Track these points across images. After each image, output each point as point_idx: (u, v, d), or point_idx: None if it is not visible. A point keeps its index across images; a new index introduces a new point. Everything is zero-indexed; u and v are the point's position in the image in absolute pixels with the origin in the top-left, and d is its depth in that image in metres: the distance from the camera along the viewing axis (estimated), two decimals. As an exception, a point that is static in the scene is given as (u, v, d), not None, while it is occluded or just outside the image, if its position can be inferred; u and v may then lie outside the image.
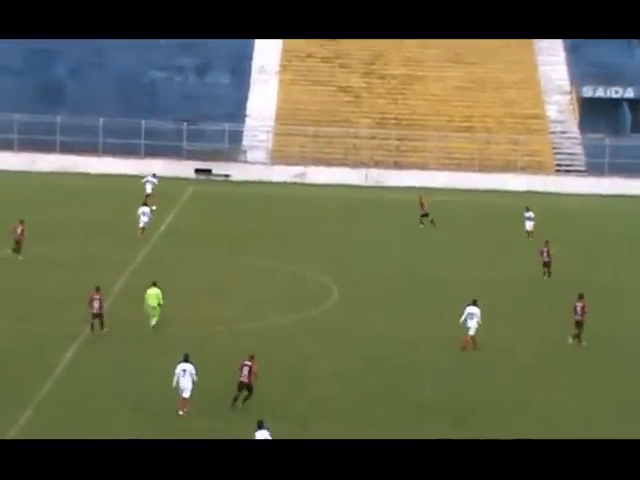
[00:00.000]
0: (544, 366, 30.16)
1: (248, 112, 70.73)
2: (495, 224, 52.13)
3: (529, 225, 48.41)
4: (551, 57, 74.32)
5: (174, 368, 25.95)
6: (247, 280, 39.64)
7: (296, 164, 67.28)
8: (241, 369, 26.28)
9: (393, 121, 70.38)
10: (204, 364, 29.18)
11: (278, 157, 68.51)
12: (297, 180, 66.32)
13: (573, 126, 71.16)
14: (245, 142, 69.34)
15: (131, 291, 37.03)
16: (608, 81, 72.08)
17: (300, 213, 55.70)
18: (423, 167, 67.30)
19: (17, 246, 41.24)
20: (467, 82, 72.64)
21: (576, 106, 71.71)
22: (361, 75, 73.30)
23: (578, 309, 32.33)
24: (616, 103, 71.79)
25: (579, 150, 69.95)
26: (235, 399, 26.06)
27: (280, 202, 58.56)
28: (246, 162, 67.88)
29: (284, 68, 73.73)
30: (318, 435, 23.93)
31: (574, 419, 25.87)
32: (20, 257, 41.11)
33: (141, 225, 46.10)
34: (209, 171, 66.79)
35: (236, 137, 68.86)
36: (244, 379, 26.14)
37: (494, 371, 29.54)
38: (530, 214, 48.67)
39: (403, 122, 70.14)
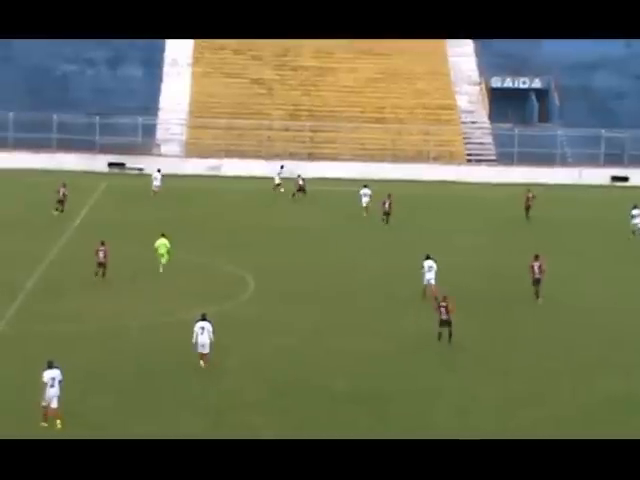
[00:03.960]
0: (457, 353, 30.55)
1: (161, 105, 70.17)
2: (407, 214, 52.64)
3: (365, 201, 52.20)
4: (460, 48, 75.16)
5: (192, 326, 28.24)
6: (163, 273, 39.32)
7: (210, 156, 66.97)
8: (439, 309, 30.58)
9: (306, 113, 70.50)
10: (117, 359, 28.92)
11: (192, 150, 68.13)
12: (212, 172, 66.03)
13: (483, 116, 72.12)
14: (159, 135, 68.79)
15: (46, 286, 36.52)
16: (516, 72, 73.24)
17: (215, 205, 55.46)
18: (336, 158, 67.61)
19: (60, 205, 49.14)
20: (378, 73, 73.10)
21: (485, 96, 72.71)
22: (273, 67, 73.24)
23: (536, 268, 35.40)
24: (524, 93, 73.00)
25: (489, 140, 70.94)
26: (439, 335, 30.49)
27: (195, 195, 58.23)
28: (160, 155, 67.33)
29: (196, 60, 73.29)
30: (232, 428, 23.89)
31: (485, 406, 26.24)
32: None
33: (153, 188, 55.69)
34: (123, 165, 66.08)
35: (149, 130, 68.25)
36: (444, 317, 30.39)
37: (408, 359, 29.82)
38: (366, 191, 52.44)
39: (316, 114, 70.30)
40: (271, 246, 45.20)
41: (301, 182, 57.39)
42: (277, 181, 59.41)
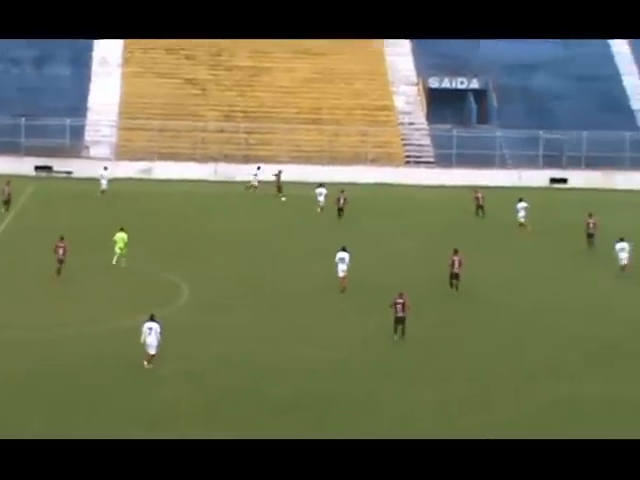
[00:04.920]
0: (400, 357, 30.75)
1: (90, 106, 69.54)
2: (347, 217, 52.86)
3: (321, 200, 54.76)
4: (397, 48, 75.66)
5: (141, 326, 28.91)
6: (93, 281, 38.98)
7: (142, 159, 66.53)
8: (395, 307, 31.40)
9: (241, 114, 70.41)
10: (49, 371, 28.59)
11: (123, 152, 67.61)
12: (143, 176, 65.60)
13: (421, 117, 72.67)
14: (88, 137, 68.16)
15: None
16: (454, 72, 73.88)
17: (147, 210, 55.10)
18: (272, 160, 67.56)
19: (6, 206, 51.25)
20: (315, 73, 73.28)
21: (423, 97, 73.24)
22: (207, 67, 73.01)
23: (456, 263, 37.44)
24: (462, 94, 73.67)
25: (427, 141, 71.49)
26: (395, 331, 31.51)
27: (126, 199, 57.79)
28: (89, 158, 66.72)
29: (127, 60, 72.74)
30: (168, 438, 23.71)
31: (427, 411, 26.44)
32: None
33: (102, 187, 57.36)
34: (50, 168, 65.32)
35: (78, 132, 67.58)
36: (400, 314, 31.36)
37: (350, 363, 29.95)
38: (322, 190, 55.05)
39: (251, 115, 70.26)
40: (206, 251, 45.05)
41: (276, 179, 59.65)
42: (255, 183, 60.29)
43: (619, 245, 42.69)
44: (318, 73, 73.24)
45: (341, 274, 37.66)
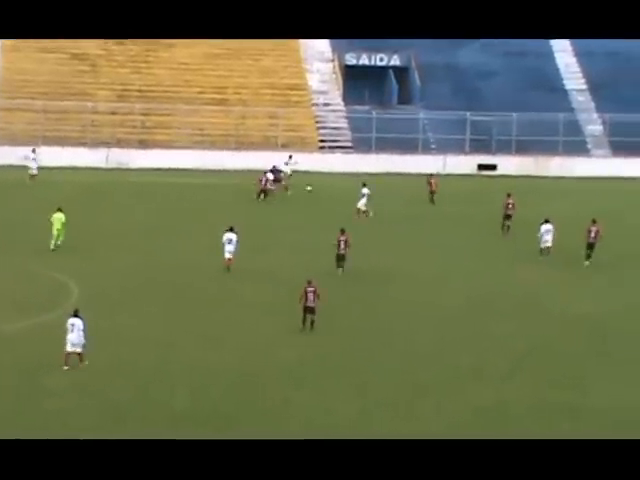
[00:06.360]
0: (309, 364, 30.97)
1: (-36, 84, 68.56)
2: (250, 206, 53.00)
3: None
4: (311, 21, 75.99)
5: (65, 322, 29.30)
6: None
7: (24, 144, 65.75)
8: (306, 295, 32.23)
9: (136, 93, 70.09)
10: None
11: (2, 136, 66.88)
12: (25, 163, 64.76)
13: (337, 97, 73.15)
14: (-38, 120, 67.22)
15: None
16: (372, 47, 74.39)
17: (29, 201, 54.53)
18: (172, 145, 67.44)
19: None
20: (219, 49, 73.24)
21: (339, 75, 73.69)
22: (97, 41, 72.44)
23: (342, 243, 40.00)
24: (381, 72, 74.27)
25: (344, 124, 71.97)
26: (304, 322, 32.39)
27: (6, 189, 57.07)
28: (-37, 143, 65.80)
29: (6, 32, 71.84)
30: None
31: (340, 422, 26.68)
32: None
33: (31, 172, 59.35)
34: None
35: (-49, 114, 66.61)
36: (310, 304, 32.21)
37: (256, 369, 30.07)
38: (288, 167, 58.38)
39: (148, 95, 69.98)
40: (97, 247, 44.79)
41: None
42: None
43: (544, 227, 44.30)
44: (222, 48, 73.19)
45: (227, 255, 39.95)
